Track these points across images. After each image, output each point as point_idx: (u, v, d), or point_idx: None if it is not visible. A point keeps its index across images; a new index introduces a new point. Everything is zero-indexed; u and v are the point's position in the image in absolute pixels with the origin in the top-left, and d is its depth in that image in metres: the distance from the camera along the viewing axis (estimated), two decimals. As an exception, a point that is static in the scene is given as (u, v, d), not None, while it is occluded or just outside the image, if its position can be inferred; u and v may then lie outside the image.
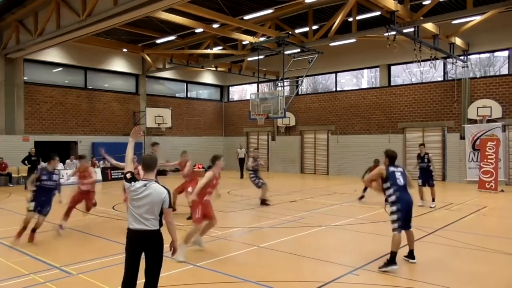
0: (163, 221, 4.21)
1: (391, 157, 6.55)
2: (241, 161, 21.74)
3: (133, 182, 4.11)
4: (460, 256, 6.93)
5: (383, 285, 5.51)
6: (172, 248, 4.31)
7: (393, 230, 6.18)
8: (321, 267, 6.34)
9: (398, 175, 6.34)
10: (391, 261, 5.99)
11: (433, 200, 11.74)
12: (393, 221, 6.21)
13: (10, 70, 18.74)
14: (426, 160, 12.03)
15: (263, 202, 12.16)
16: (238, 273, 5.87)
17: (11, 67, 18.78)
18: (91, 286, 5.46)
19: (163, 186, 4.18)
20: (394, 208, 6.21)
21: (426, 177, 11.94)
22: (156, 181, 4.22)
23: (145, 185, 4.09)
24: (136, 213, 4.08)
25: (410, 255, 6.42)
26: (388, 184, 6.27)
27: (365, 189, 12.83)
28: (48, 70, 20.71)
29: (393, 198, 6.22)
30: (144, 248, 4.10)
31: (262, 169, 22.50)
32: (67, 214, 8.58)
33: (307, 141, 24.08)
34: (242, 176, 21.25)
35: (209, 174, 7.02)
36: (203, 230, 7.09)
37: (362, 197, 13.05)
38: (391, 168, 6.38)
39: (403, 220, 6.19)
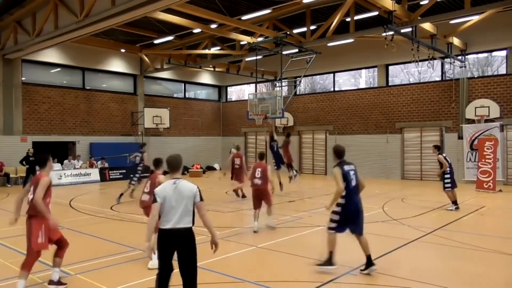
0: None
1: (339, 153, 6.07)
2: None
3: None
4: (458, 256, 6.94)
5: (381, 285, 5.52)
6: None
7: (329, 229, 5.91)
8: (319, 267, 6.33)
9: (351, 174, 5.94)
10: (329, 261, 5.88)
11: (453, 202, 11.27)
12: (332, 221, 5.90)
13: (8, 71, 18.71)
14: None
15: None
16: (237, 273, 5.87)
17: (9, 68, 18.75)
18: (89, 286, 5.46)
19: None
20: (338, 209, 5.86)
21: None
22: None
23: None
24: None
25: (369, 262, 5.87)
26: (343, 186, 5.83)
27: None
28: (46, 70, 20.68)
29: (341, 200, 5.85)
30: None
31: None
32: None
33: (305, 141, 24.10)
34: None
35: (46, 179, 5.27)
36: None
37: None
38: (346, 168, 5.92)
39: (347, 223, 5.88)
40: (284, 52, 16.70)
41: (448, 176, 11.16)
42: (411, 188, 16.73)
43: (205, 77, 27.50)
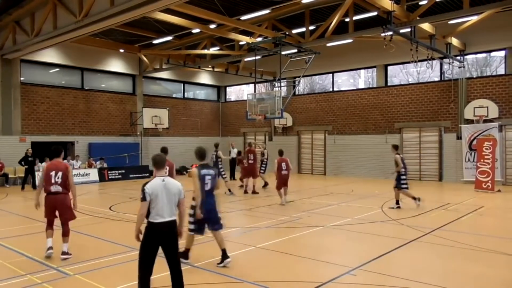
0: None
1: (202, 156, 6.33)
2: (233, 161, 20.70)
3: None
4: (457, 256, 6.95)
5: (380, 285, 5.53)
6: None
7: (190, 230, 6.25)
8: (318, 267, 6.34)
9: (207, 179, 6.19)
10: (184, 254, 6.26)
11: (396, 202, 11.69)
12: (190, 222, 6.25)
13: (6, 71, 18.68)
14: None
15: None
16: (235, 273, 5.87)
17: (8, 68, 18.72)
18: (88, 286, 5.45)
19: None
20: (192, 211, 6.20)
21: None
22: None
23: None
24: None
25: (224, 255, 6.22)
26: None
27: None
28: (45, 70, 20.65)
29: (193, 202, 6.19)
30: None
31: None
32: None
33: (304, 141, 24.11)
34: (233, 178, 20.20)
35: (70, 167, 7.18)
36: None
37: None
38: (203, 171, 6.15)
39: (203, 222, 6.20)
40: (283, 52, 16.71)
41: (404, 177, 11.61)
42: (410, 188, 16.69)
43: (204, 77, 27.50)
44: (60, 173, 6.72)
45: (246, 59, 22.04)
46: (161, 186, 4.61)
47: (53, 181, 6.68)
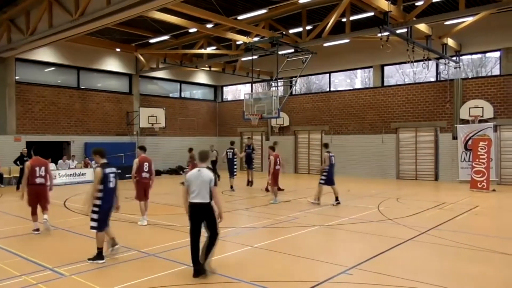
0: None
1: (102, 154, 6.74)
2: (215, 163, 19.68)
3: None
4: (452, 255, 6.98)
5: (376, 285, 5.54)
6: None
7: (92, 228, 6.46)
8: (315, 266, 6.35)
9: (111, 177, 6.53)
10: (99, 255, 6.42)
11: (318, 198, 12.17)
12: (93, 220, 6.44)
13: (1, 70, 18.56)
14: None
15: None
16: (232, 273, 5.87)
17: (3, 67, 18.59)
18: (84, 287, 5.42)
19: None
20: (97, 208, 6.44)
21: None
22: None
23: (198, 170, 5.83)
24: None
25: (113, 243, 6.70)
26: (100, 187, 6.39)
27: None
28: (40, 69, 20.53)
29: (98, 201, 6.42)
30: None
31: (257, 169, 22.53)
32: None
33: (301, 141, 24.13)
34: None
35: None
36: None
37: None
38: (107, 170, 6.50)
39: (106, 219, 6.57)
40: (280, 52, 16.71)
41: (325, 173, 12.05)
42: (406, 188, 16.80)
43: (201, 77, 27.45)
44: (43, 168, 8.45)
45: (243, 59, 22.04)
46: (196, 175, 5.75)
47: (37, 174, 8.37)
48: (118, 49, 21.97)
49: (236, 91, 29.24)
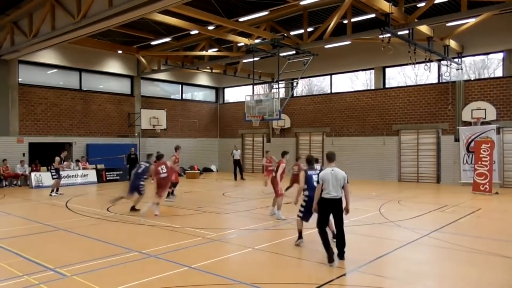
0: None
1: (309, 162, 7.65)
2: (237, 163, 21.72)
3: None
4: (454, 258, 6.96)
5: (377, 287, 5.52)
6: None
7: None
8: (315, 269, 6.34)
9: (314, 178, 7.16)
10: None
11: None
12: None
13: (4, 72, 18.63)
14: None
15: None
16: (232, 275, 5.87)
17: (6, 69, 18.67)
18: (85, 288, 5.43)
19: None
20: (304, 203, 7.32)
21: None
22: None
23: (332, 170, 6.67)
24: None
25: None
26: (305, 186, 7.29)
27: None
28: (42, 71, 20.60)
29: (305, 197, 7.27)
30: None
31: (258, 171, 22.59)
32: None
33: (302, 143, 24.12)
34: (236, 178, 21.25)
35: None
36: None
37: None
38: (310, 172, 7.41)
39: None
40: (281, 54, 16.72)
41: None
42: (407, 190, 16.76)
43: (202, 79, 27.49)
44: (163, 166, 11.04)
45: (244, 61, 22.07)
46: (329, 173, 6.54)
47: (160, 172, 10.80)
48: (119, 51, 22.04)
49: (238, 93, 29.24)
